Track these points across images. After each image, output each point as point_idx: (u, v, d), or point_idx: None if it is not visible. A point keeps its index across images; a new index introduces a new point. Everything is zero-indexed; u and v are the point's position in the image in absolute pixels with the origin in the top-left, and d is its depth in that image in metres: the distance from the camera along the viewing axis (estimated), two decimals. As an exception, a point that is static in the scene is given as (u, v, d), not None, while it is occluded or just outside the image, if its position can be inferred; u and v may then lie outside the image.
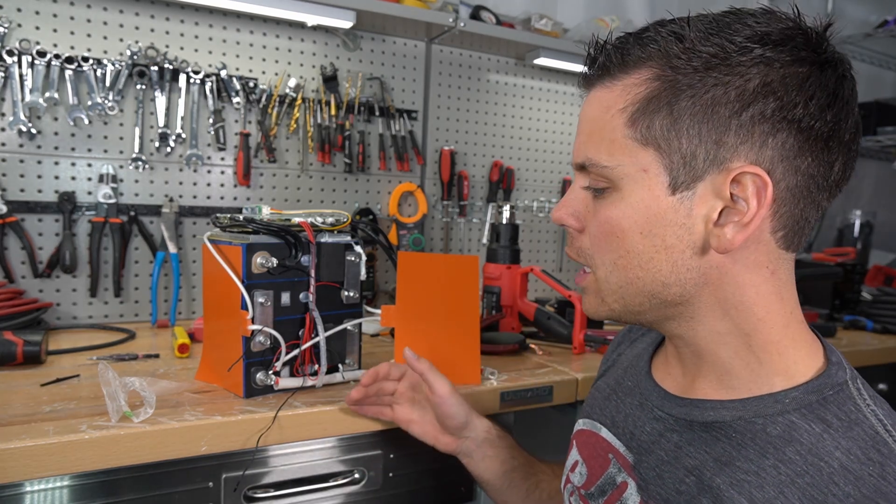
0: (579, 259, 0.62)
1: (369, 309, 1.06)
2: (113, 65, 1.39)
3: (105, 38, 1.40)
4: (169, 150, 1.47)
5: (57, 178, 1.38)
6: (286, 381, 0.93)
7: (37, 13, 1.33)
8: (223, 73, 1.50)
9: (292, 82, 1.58)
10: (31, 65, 1.31)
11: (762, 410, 0.54)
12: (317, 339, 0.95)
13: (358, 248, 0.99)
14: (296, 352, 0.94)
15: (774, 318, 0.57)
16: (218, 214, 0.98)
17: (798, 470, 0.50)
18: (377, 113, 1.71)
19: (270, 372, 0.91)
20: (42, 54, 1.32)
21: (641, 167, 0.55)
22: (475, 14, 1.75)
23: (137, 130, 1.43)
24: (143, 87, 1.42)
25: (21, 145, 1.34)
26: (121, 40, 1.41)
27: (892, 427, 0.50)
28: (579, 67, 0.63)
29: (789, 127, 0.51)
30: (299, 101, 1.59)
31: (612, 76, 0.56)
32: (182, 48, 1.47)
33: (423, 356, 1.00)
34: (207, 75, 1.48)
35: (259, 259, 0.90)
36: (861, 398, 0.53)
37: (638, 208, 0.55)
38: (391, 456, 1.00)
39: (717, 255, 0.55)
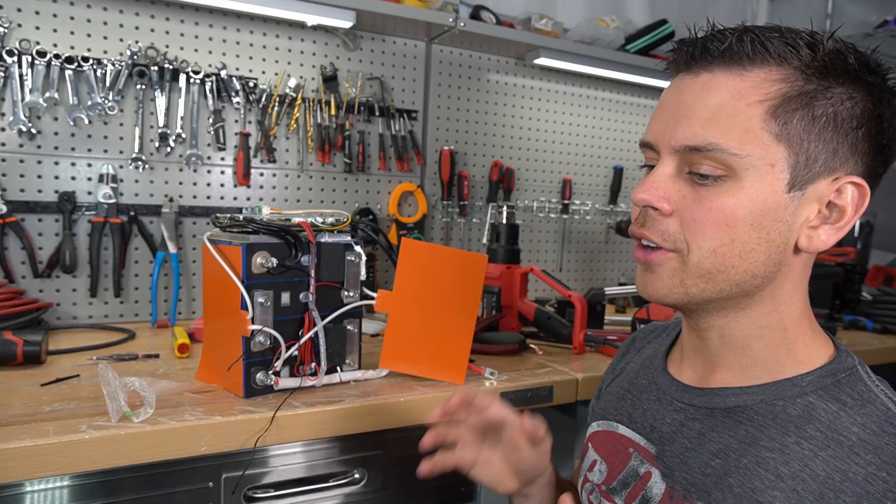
0: (663, 243, 0.59)
1: (367, 292, 1.03)
2: (113, 65, 1.39)
3: (105, 38, 1.40)
4: (169, 150, 1.47)
5: (57, 178, 1.38)
6: (286, 381, 0.93)
7: (37, 13, 1.33)
8: (223, 73, 1.50)
9: (292, 82, 1.58)
10: (31, 65, 1.31)
11: (782, 393, 0.59)
12: (312, 338, 0.95)
13: (358, 248, 0.99)
14: (293, 349, 0.94)
15: (805, 311, 0.63)
16: (218, 214, 0.98)
17: (820, 444, 0.54)
18: (377, 113, 1.71)
19: (270, 372, 0.91)
20: (42, 54, 1.32)
21: (770, 161, 0.55)
22: (475, 14, 1.75)
23: (137, 130, 1.43)
24: (143, 87, 1.42)
25: (21, 145, 1.34)
26: (121, 40, 1.41)
27: None
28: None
29: (878, 151, 0.58)
30: (299, 101, 1.59)
31: (742, 65, 0.56)
32: (182, 48, 1.47)
33: (413, 347, 1.01)
34: (207, 75, 1.48)
35: (259, 259, 0.90)
36: (870, 380, 0.59)
37: (755, 200, 0.56)
38: (391, 456, 1.00)
39: (795, 255, 0.59)
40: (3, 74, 1.30)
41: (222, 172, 1.55)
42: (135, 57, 1.41)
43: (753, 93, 0.55)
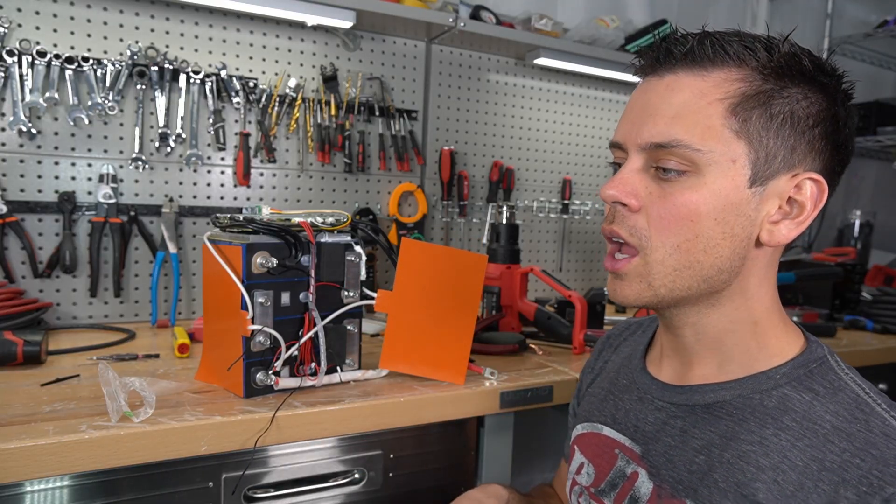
0: (630, 238, 0.61)
1: (367, 292, 1.03)
2: (113, 65, 1.39)
3: (105, 38, 1.40)
4: (169, 150, 1.47)
5: (57, 178, 1.38)
6: (286, 381, 0.93)
7: (37, 13, 1.33)
8: (223, 73, 1.50)
9: (292, 82, 1.58)
10: (31, 65, 1.31)
11: (758, 387, 0.61)
12: (312, 338, 0.95)
13: (358, 248, 0.99)
14: (293, 349, 0.94)
15: (774, 305, 0.65)
16: (218, 214, 0.98)
17: (796, 434, 0.56)
18: (377, 113, 1.71)
19: (270, 372, 0.91)
20: (42, 54, 1.32)
21: (731, 157, 0.58)
22: (475, 14, 1.75)
23: (137, 130, 1.43)
24: (143, 87, 1.42)
25: (21, 145, 1.34)
26: (121, 40, 1.41)
27: (869, 390, 0.58)
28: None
29: (835, 150, 0.60)
30: (299, 101, 1.59)
31: (703, 66, 0.59)
32: (182, 48, 1.47)
33: (413, 347, 1.01)
34: (207, 75, 1.48)
35: (259, 259, 0.90)
36: (840, 369, 0.61)
37: (718, 195, 0.58)
38: (391, 456, 1.00)
39: (758, 249, 0.61)
40: (3, 74, 1.30)
41: (222, 172, 1.55)
42: (135, 57, 1.41)
43: (714, 91, 0.58)
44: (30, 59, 1.31)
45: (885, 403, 0.57)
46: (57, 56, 1.33)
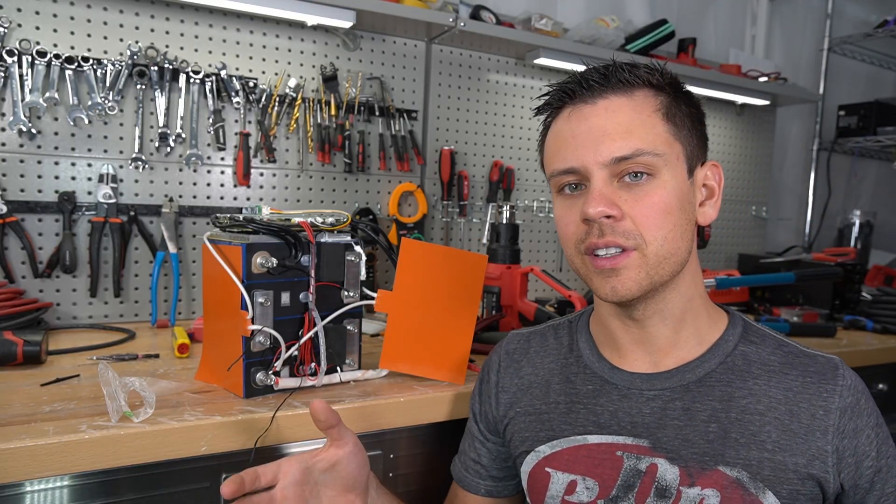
0: (627, 242, 0.66)
1: (367, 292, 1.02)
2: (113, 65, 1.39)
3: (105, 38, 1.40)
4: (169, 150, 1.47)
5: (57, 178, 1.38)
6: (286, 381, 0.93)
7: (37, 13, 1.33)
8: (223, 73, 1.50)
9: (292, 82, 1.58)
10: (31, 65, 1.31)
11: (725, 350, 0.73)
12: (312, 338, 0.95)
13: (358, 248, 0.99)
14: (293, 349, 0.94)
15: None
16: (218, 214, 0.98)
17: (765, 377, 0.70)
18: (377, 113, 1.71)
19: (270, 372, 0.91)
20: (42, 54, 1.32)
21: (676, 156, 0.69)
22: (475, 14, 1.75)
23: (137, 130, 1.43)
24: (143, 87, 1.42)
25: (21, 145, 1.34)
26: (121, 40, 1.41)
27: (775, 331, 0.76)
28: (580, 67, 0.72)
29: (706, 140, 0.75)
30: (299, 101, 1.59)
31: (627, 88, 0.69)
32: (182, 48, 1.47)
33: (413, 347, 1.01)
34: (207, 75, 1.48)
35: (259, 259, 0.90)
36: (755, 323, 0.77)
37: (676, 189, 0.68)
38: (391, 456, 1.00)
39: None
40: (3, 74, 1.30)
41: (222, 172, 1.55)
42: (135, 57, 1.41)
43: (645, 106, 0.69)
44: (30, 59, 1.31)
45: (787, 339, 0.74)
46: (57, 56, 1.33)
